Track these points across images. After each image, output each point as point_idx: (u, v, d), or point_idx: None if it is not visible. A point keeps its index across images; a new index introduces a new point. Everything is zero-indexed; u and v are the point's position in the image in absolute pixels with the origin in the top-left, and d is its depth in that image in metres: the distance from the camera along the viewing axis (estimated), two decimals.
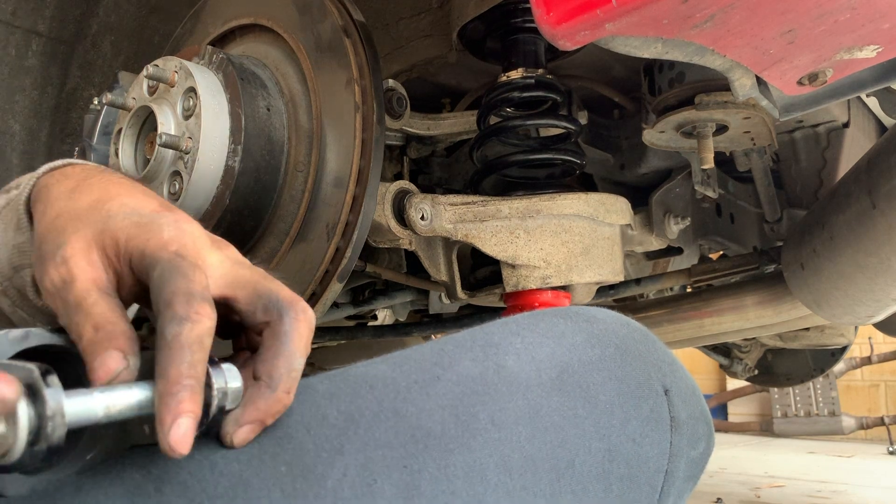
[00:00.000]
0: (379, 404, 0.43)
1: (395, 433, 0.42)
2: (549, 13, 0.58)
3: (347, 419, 0.42)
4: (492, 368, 0.48)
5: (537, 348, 0.51)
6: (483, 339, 0.51)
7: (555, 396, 0.48)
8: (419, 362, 0.48)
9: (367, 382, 0.45)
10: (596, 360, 0.52)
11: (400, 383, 0.45)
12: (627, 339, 0.55)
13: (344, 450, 0.40)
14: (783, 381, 2.18)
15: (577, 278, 1.02)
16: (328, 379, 0.45)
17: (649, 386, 0.53)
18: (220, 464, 0.38)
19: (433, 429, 0.43)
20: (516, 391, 0.47)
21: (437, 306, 1.44)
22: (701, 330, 1.42)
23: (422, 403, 0.44)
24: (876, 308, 1.13)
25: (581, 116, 1.21)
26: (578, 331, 0.53)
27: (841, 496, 2.56)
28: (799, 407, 4.50)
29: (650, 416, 0.52)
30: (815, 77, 0.67)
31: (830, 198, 1.13)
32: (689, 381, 0.57)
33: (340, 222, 0.88)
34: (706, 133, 1.09)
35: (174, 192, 0.93)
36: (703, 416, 0.56)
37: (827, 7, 0.56)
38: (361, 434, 0.41)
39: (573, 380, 0.50)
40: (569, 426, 0.48)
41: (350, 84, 0.89)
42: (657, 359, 0.55)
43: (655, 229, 1.29)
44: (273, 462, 0.38)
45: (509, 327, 0.53)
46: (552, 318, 0.55)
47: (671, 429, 0.53)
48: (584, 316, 0.55)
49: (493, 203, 1.01)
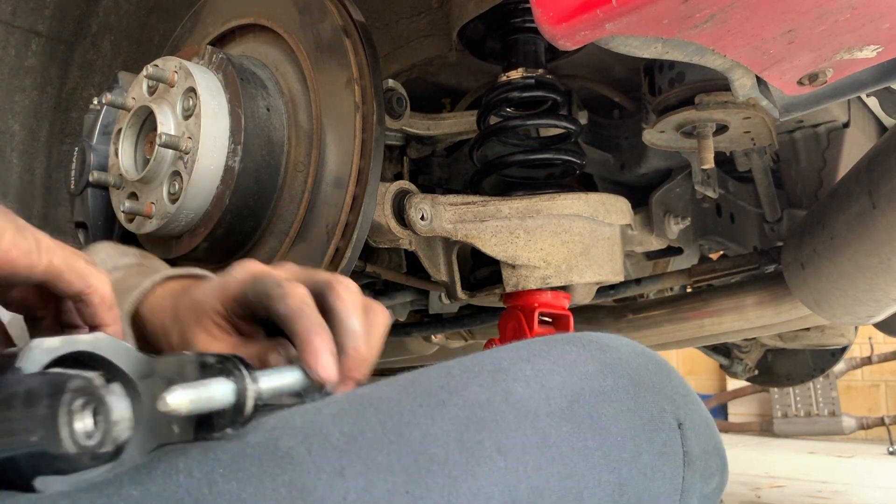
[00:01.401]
0: (382, 427, 0.42)
1: (398, 457, 0.41)
2: (549, 13, 0.58)
3: (350, 441, 0.41)
4: (499, 395, 0.47)
5: (547, 376, 0.50)
6: (492, 364, 0.50)
7: (564, 426, 0.47)
8: (425, 386, 0.47)
9: (371, 404, 0.44)
10: (608, 390, 0.51)
11: (405, 406, 0.44)
12: (641, 370, 0.54)
13: (345, 472, 0.39)
14: (783, 381, 2.18)
15: (577, 278, 1.02)
16: (334, 401, 0.45)
17: (662, 419, 0.52)
18: (219, 483, 0.37)
19: (437, 454, 0.42)
20: (524, 419, 0.46)
21: (437, 306, 1.44)
22: (701, 330, 1.42)
23: (426, 428, 0.43)
24: (876, 308, 1.13)
25: (581, 116, 1.21)
26: (591, 359, 0.52)
27: (841, 496, 2.56)
28: (799, 407, 4.50)
29: (663, 449, 0.51)
30: (815, 77, 0.67)
31: (830, 198, 1.13)
32: (703, 414, 0.56)
33: (340, 222, 0.88)
34: (706, 133, 1.09)
35: (174, 193, 0.93)
36: (716, 451, 0.56)
37: (827, 7, 0.56)
38: (363, 457, 0.40)
39: (584, 410, 0.49)
40: (578, 457, 0.47)
41: (350, 84, 0.88)
42: (671, 391, 0.54)
43: (655, 229, 1.29)
44: (273, 483, 0.38)
45: (519, 353, 0.52)
46: (564, 344, 0.54)
47: (684, 464, 0.52)
48: (596, 344, 0.55)
49: (493, 203, 1.01)
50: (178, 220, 0.94)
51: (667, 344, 1.50)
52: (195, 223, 0.96)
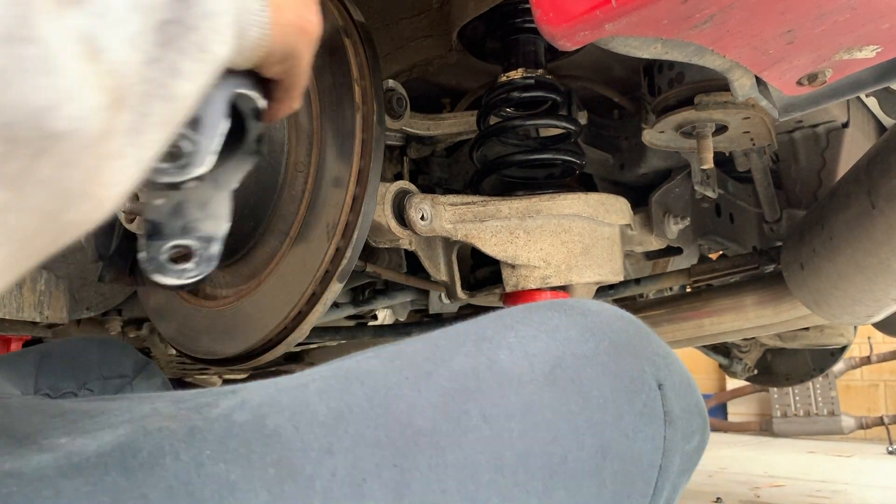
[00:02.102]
0: (369, 401, 0.42)
1: (386, 431, 0.41)
2: (549, 13, 0.58)
3: (337, 416, 0.41)
4: (484, 364, 0.48)
5: (531, 342, 0.50)
6: (476, 333, 0.51)
7: (547, 392, 0.48)
8: (411, 357, 0.47)
9: (357, 378, 0.44)
10: (590, 354, 0.51)
11: (391, 379, 0.45)
12: (621, 333, 0.54)
13: (333, 449, 0.39)
14: (783, 380, 2.18)
15: (577, 278, 1.02)
16: (320, 376, 0.44)
17: (643, 380, 0.52)
18: (207, 465, 0.37)
19: (424, 426, 0.42)
20: (508, 387, 0.47)
21: (437, 306, 1.44)
22: (700, 330, 1.42)
23: (412, 400, 0.43)
24: (875, 308, 1.13)
25: (581, 116, 1.21)
26: (572, 324, 0.53)
27: (840, 496, 2.56)
28: (798, 407, 4.50)
29: (644, 410, 0.51)
30: (815, 77, 0.67)
31: (830, 198, 1.14)
32: (683, 375, 0.56)
33: (340, 222, 0.88)
34: (706, 133, 1.10)
35: None
36: (697, 410, 0.56)
37: (826, 7, 0.56)
38: (351, 432, 0.40)
39: (566, 375, 0.49)
40: (562, 422, 0.47)
41: (350, 84, 0.89)
42: (651, 352, 0.55)
43: (655, 229, 1.29)
44: (261, 462, 0.37)
45: (503, 321, 0.53)
46: (546, 310, 0.54)
47: (665, 423, 0.52)
48: (578, 309, 0.55)
49: (492, 203, 1.01)
50: None
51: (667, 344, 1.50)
52: None
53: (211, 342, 1.05)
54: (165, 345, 1.67)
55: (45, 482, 0.35)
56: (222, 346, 1.03)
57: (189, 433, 0.38)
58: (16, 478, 0.35)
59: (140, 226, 1.00)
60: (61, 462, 0.36)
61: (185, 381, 2.57)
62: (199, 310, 1.08)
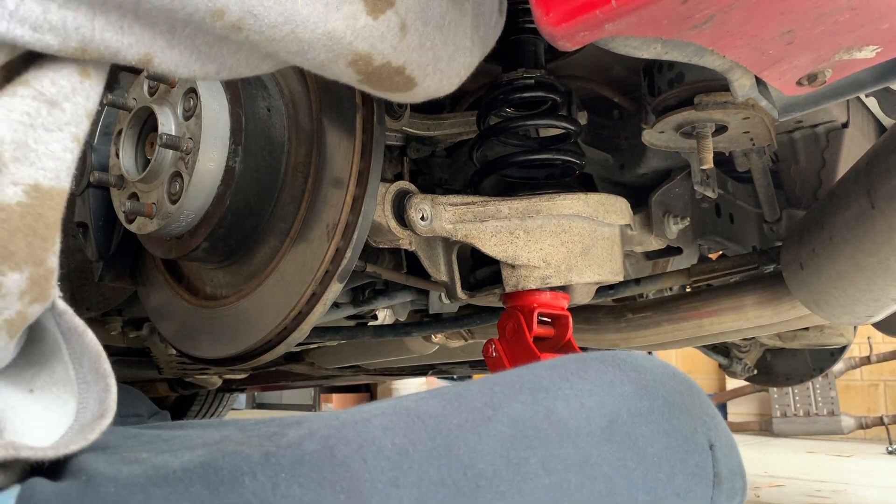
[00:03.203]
0: (432, 441, 0.44)
1: (449, 471, 0.43)
2: (549, 14, 0.58)
3: (401, 453, 0.43)
4: (542, 413, 0.49)
5: (586, 396, 0.51)
6: (532, 382, 0.52)
7: (604, 446, 0.49)
8: (469, 400, 0.49)
9: (419, 418, 0.46)
10: (645, 411, 0.52)
11: (452, 421, 0.46)
12: (674, 392, 0.55)
13: (399, 483, 0.41)
14: (782, 380, 2.18)
15: (577, 278, 1.02)
16: (380, 412, 0.46)
17: (695, 440, 0.53)
18: (282, 486, 0.39)
19: (485, 470, 0.44)
20: (566, 438, 0.48)
21: (437, 306, 1.44)
22: (700, 330, 1.42)
23: (474, 443, 0.45)
24: (875, 308, 1.13)
25: (581, 117, 1.21)
26: (627, 381, 0.54)
27: (840, 496, 2.56)
28: (798, 407, 4.50)
29: (695, 470, 0.53)
30: (815, 77, 0.67)
31: (829, 198, 1.14)
32: (729, 435, 0.58)
33: (341, 223, 0.88)
34: (705, 133, 1.10)
35: (175, 193, 0.94)
36: (740, 471, 0.57)
37: (826, 8, 0.56)
38: (416, 469, 0.42)
39: (622, 430, 0.50)
40: (618, 477, 0.48)
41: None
42: (702, 412, 0.56)
43: (655, 229, 1.29)
44: (332, 489, 0.40)
45: (557, 372, 0.54)
46: (600, 364, 0.55)
47: (713, 484, 0.54)
48: (631, 365, 0.56)
49: (492, 203, 1.01)
50: (179, 220, 0.94)
51: (666, 343, 1.50)
52: (196, 223, 0.96)
53: (211, 342, 1.05)
54: (165, 345, 1.67)
55: (138, 487, 0.39)
56: (222, 346, 1.03)
57: (264, 457, 0.40)
58: (112, 480, 0.39)
59: (140, 226, 1.00)
60: (149, 473, 0.40)
61: (185, 381, 2.57)
62: (200, 310, 1.08)
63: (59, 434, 0.45)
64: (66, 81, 0.47)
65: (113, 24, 0.47)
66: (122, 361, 2.11)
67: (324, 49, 0.57)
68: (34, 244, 0.45)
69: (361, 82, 0.63)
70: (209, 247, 0.97)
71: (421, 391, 0.51)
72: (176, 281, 1.14)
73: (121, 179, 1.02)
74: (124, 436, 0.50)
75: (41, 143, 0.45)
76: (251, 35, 0.52)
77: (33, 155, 0.45)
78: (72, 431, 0.45)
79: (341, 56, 0.58)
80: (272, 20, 0.52)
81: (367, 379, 2.57)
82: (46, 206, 0.46)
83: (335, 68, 0.60)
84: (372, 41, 0.59)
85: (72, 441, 0.44)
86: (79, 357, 0.49)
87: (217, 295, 1.07)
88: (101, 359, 0.48)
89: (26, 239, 0.44)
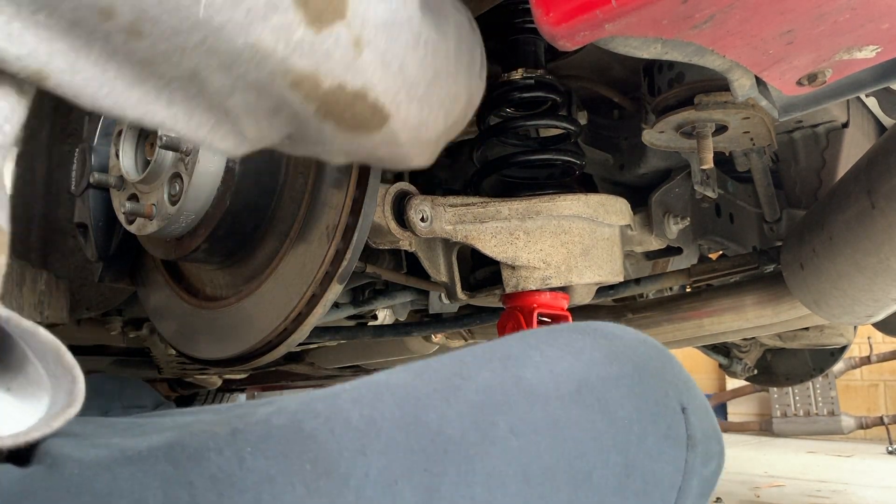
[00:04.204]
0: (401, 409, 0.44)
1: (417, 438, 0.43)
2: (549, 13, 0.58)
3: (369, 423, 0.43)
4: (511, 380, 0.49)
5: (556, 362, 0.52)
6: (502, 351, 0.52)
7: (573, 409, 0.49)
8: (439, 372, 0.49)
9: (388, 389, 0.46)
10: (615, 376, 0.52)
11: (420, 390, 0.46)
12: (645, 357, 0.55)
13: (366, 451, 0.41)
14: (782, 380, 2.18)
15: (577, 279, 1.02)
16: (351, 386, 0.46)
17: (667, 403, 0.53)
18: (248, 460, 0.39)
19: (453, 435, 0.44)
20: (535, 402, 0.48)
21: (437, 306, 1.44)
22: (700, 330, 1.42)
23: (442, 410, 0.45)
24: (875, 308, 1.13)
25: (581, 117, 1.21)
26: (597, 347, 0.54)
27: (840, 496, 2.56)
28: (798, 407, 4.50)
29: (667, 433, 0.53)
30: (815, 77, 0.67)
31: (830, 198, 1.14)
32: (703, 400, 0.58)
33: (341, 224, 0.88)
34: (705, 133, 1.10)
35: (174, 194, 0.94)
36: (715, 435, 0.57)
37: (826, 7, 0.56)
38: (384, 437, 0.42)
39: (592, 394, 0.50)
40: (587, 439, 0.48)
41: None
42: (674, 377, 0.56)
43: (655, 229, 1.29)
44: (299, 460, 0.40)
45: (528, 341, 0.54)
46: (570, 333, 0.56)
47: (687, 446, 0.54)
48: (602, 332, 0.56)
49: (492, 204, 1.01)
50: (179, 221, 0.94)
51: (666, 343, 1.50)
52: (196, 224, 0.96)
53: (211, 343, 1.05)
54: (165, 345, 1.67)
55: (103, 468, 0.39)
56: (222, 347, 1.03)
57: (231, 433, 0.41)
58: (77, 462, 0.40)
59: (140, 227, 1.00)
60: (116, 454, 0.40)
61: (185, 381, 2.57)
62: (200, 311, 1.08)
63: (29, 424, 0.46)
64: (4, 103, 0.45)
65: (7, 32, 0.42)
66: (122, 361, 2.11)
67: (252, 64, 0.50)
68: None
69: (318, 112, 0.56)
70: (209, 248, 0.97)
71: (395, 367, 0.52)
72: (176, 282, 1.14)
73: (121, 180, 1.02)
74: (101, 425, 0.50)
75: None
76: (157, 44, 0.46)
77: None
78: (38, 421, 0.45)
79: (277, 74, 0.51)
80: (174, 25, 0.46)
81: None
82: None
83: (276, 91, 0.53)
84: (315, 58, 0.52)
85: (35, 429, 0.44)
86: (41, 355, 0.48)
87: (217, 296, 1.07)
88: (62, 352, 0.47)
89: None
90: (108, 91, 0.47)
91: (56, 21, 0.44)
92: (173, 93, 0.50)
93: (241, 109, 0.53)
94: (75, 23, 0.45)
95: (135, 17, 0.45)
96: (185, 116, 0.52)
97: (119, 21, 0.45)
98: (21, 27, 0.43)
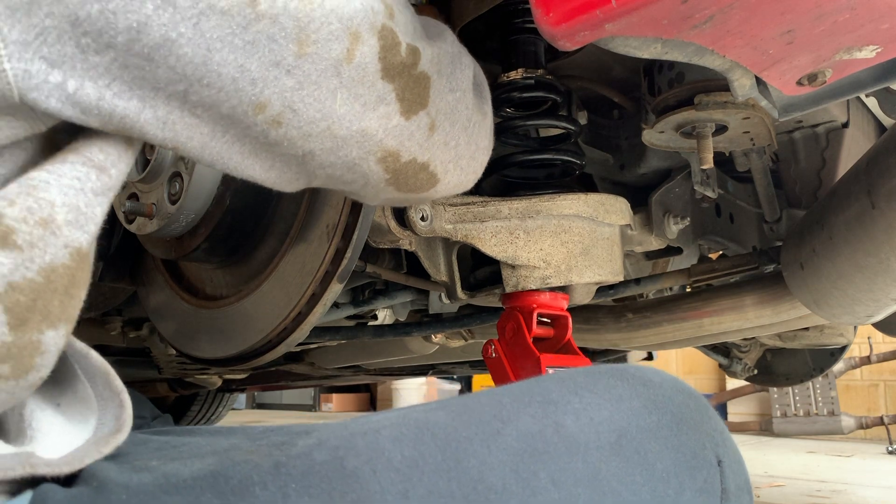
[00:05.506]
0: (442, 453, 0.44)
1: (458, 484, 0.43)
2: (549, 13, 0.58)
3: (411, 465, 0.43)
4: (551, 427, 0.49)
5: (595, 410, 0.52)
6: (541, 395, 0.52)
7: (613, 461, 0.49)
8: (478, 413, 0.49)
9: (428, 429, 0.46)
10: (654, 427, 0.52)
11: (461, 433, 0.46)
12: (683, 407, 0.55)
13: (409, 495, 0.42)
14: (782, 380, 2.18)
15: (577, 278, 1.02)
16: (390, 423, 0.46)
17: (703, 456, 0.54)
18: (292, 497, 0.40)
19: (495, 484, 0.44)
20: (576, 453, 0.48)
21: (437, 306, 1.44)
22: (700, 330, 1.42)
23: (483, 457, 0.45)
24: (875, 308, 1.13)
25: (581, 116, 1.21)
26: (636, 395, 0.54)
27: (840, 496, 2.56)
28: (798, 406, 4.50)
29: (703, 486, 0.53)
30: (815, 77, 0.67)
31: (830, 198, 1.14)
32: (737, 451, 0.58)
33: (341, 223, 0.88)
34: (705, 133, 1.09)
35: (174, 193, 0.94)
36: (747, 487, 0.57)
37: (826, 8, 0.56)
38: (426, 481, 0.42)
39: (631, 445, 0.50)
40: (627, 492, 0.48)
41: None
42: (711, 428, 0.56)
43: (655, 229, 1.29)
44: (342, 500, 0.40)
45: (566, 385, 0.54)
46: (609, 378, 0.56)
47: (721, 500, 0.54)
48: (640, 379, 0.56)
49: (492, 203, 1.01)
50: (179, 220, 0.94)
51: (666, 343, 1.50)
52: (195, 224, 0.96)
53: (211, 342, 1.05)
54: (165, 345, 1.67)
55: (149, 495, 0.40)
56: (222, 347, 1.03)
57: (274, 467, 0.41)
58: (124, 488, 0.40)
59: (140, 226, 1.00)
60: (160, 481, 0.41)
61: (185, 381, 2.57)
62: (200, 310, 1.08)
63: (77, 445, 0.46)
64: (113, 149, 0.49)
65: (159, 119, 0.48)
66: (122, 361, 2.11)
67: (356, 146, 0.59)
68: (66, 304, 0.46)
69: (389, 182, 0.66)
70: (209, 247, 0.97)
71: (429, 402, 0.52)
72: (176, 281, 1.14)
73: None
74: (133, 442, 0.51)
75: (90, 206, 0.47)
76: (289, 131, 0.54)
77: (83, 218, 0.46)
78: (88, 444, 0.46)
79: (371, 153, 0.61)
80: (310, 116, 0.54)
81: (367, 379, 2.56)
82: (80, 268, 0.47)
83: (365, 165, 0.62)
84: (401, 139, 0.63)
85: (87, 454, 0.45)
86: (91, 377, 0.50)
87: (217, 295, 1.07)
88: (111, 376, 0.49)
89: (61, 300, 0.46)
90: (217, 154, 0.54)
91: (210, 115, 0.50)
92: (275, 159, 0.57)
93: (323, 173, 0.61)
94: (227, 116, 0.50)
95: (282, 109, 0.52)
96: (272, 172, 0.59)
97: (269, 112, 0.51)
98: (178, 117, 0.49)
